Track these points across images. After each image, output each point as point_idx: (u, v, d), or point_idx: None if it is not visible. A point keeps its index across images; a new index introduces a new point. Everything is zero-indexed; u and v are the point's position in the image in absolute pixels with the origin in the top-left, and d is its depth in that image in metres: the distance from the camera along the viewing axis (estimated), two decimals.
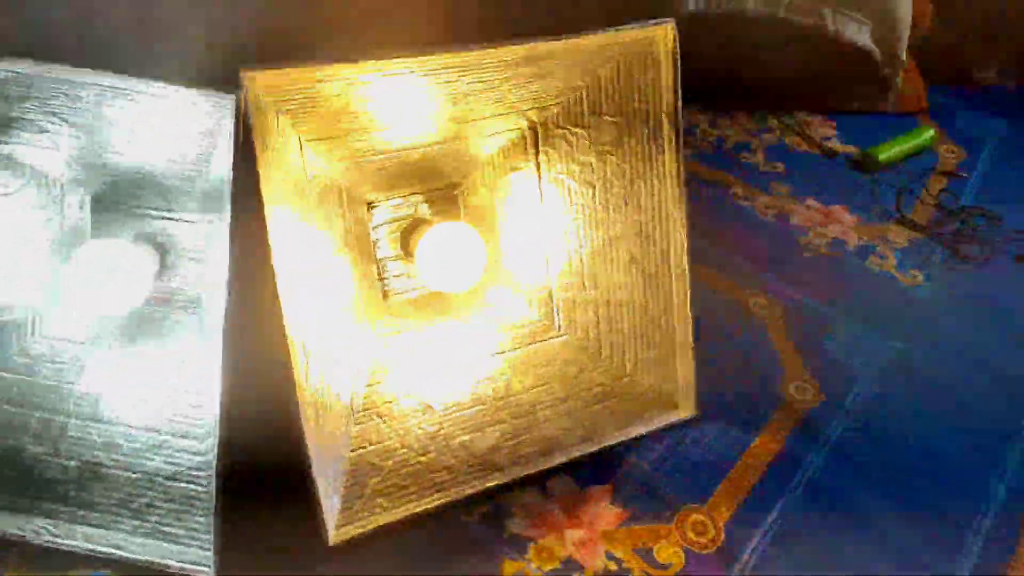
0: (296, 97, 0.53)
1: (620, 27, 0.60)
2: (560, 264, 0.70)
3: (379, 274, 0.70)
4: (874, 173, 0.98)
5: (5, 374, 0.61)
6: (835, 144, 1.03)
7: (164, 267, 0.64)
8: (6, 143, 0.58)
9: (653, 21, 0.61)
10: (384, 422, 0.62)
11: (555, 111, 0.66)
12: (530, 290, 0.71)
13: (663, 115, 0.62)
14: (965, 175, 1.00)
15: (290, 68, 0.50)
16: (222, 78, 0.53)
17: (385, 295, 0.71)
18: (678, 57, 0.61)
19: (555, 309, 0.71)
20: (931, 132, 1.04)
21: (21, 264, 0.62)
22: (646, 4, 0.93)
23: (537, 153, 0.68)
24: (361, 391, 0.63)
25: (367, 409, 0.62)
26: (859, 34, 1.03)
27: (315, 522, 0.54)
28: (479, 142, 0.68)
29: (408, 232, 0.70)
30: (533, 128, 0.67)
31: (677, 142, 0.63)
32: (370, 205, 0.69)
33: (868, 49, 1.04)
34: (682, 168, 0.63)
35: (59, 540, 0.54)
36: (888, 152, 0.99)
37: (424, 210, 0.71)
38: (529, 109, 0.66)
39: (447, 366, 0.68)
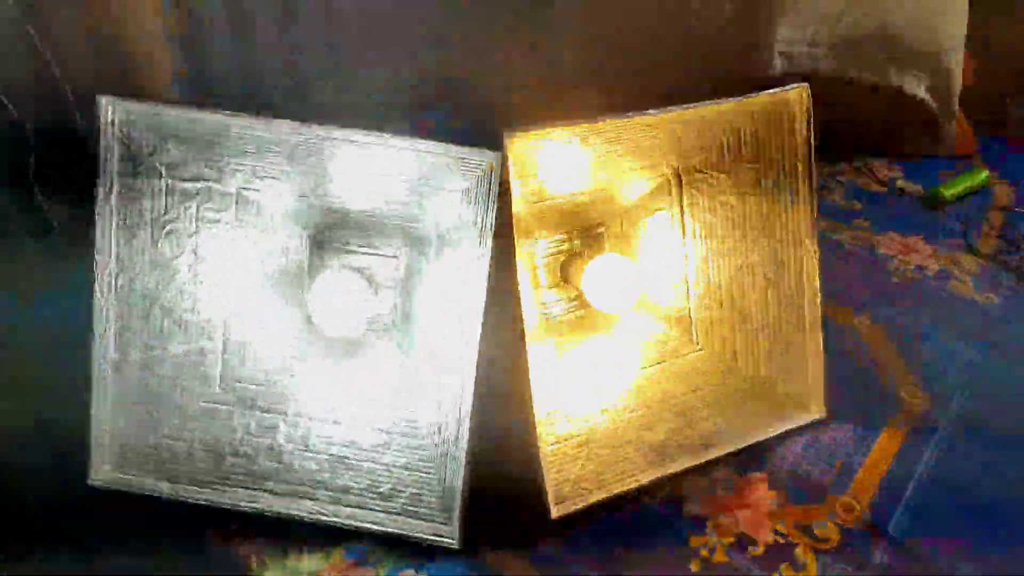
0: (523, 153, 0.65)
1: (760, 92, 0.73)
2: (699, 288, 0.82)
3: (541, 299, 0.83)
4: (941, 209, 1.11)
5: (249, 384, 0.72)
6: (902, 184, 1.16)
7: None
8: (249, 189, 0.70)
9: (790, 86, 0.74)
10: (570, 421, 0.73)
11: (698, 161, 0.78)
12: (670, 311, 0.83)
13: (798, 161, 0.75)
14: (1020, 210, 1.13)
15: (539, 131, 0.62)
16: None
17: (545, 317, 0.83)
18: (811, 113, 0.74)
19: (693, 327, 0.82)
20: (985, 172, 1.17)
21: (254, 292, 0.73)
22: (742, 67, 1.08)
23: (680, 195, 0.80)
24: (549, 397, 0.74)
25: (555, 411, 0.73)
26: (917, 88, 1.17)
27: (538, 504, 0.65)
28: (627, 188, 0.80)
29: (566, 263, 0.83)
30: (677, 174, 0.80)
31: (810, 181, 0.75)
32: (535, 241, 0.82)
33: (925, 101, 1.18)
34: (815, 203, 0.75)
35: (326, 519, 0.65)
36: (952, 190, 1.12)
37: (576, 245, 0.83)
38: (675, 160, 0.79)
39: (607, 376, 0.79)
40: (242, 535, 0.64)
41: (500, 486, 0.67)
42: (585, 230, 0.83)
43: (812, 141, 0.74)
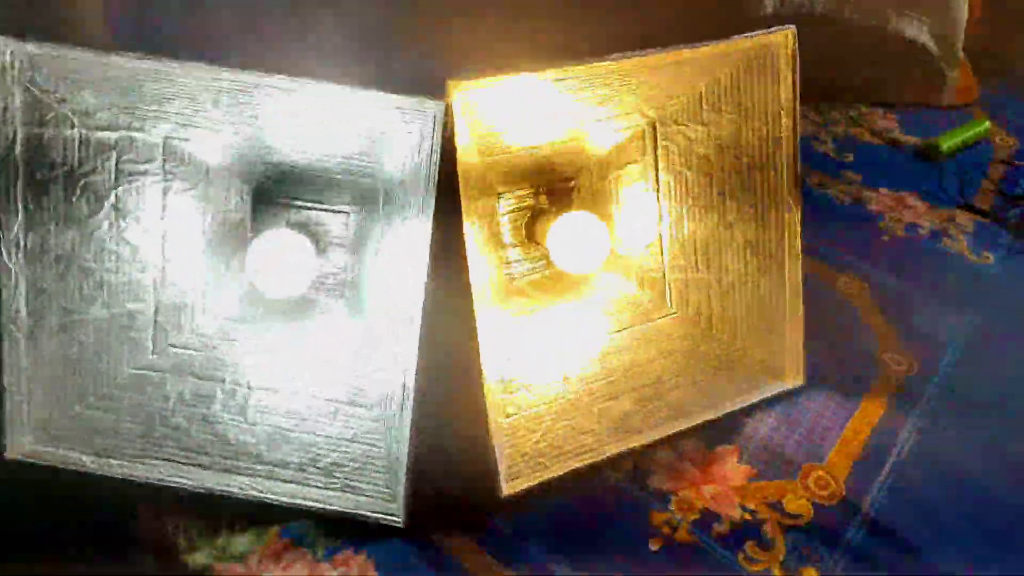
0: (473, 102, 0.59)
1: (741, 35, 0.66)
2: (673, 248, 0.76)
3: (505, 259, 0.77)
4: (937, 162, 1.05)
5: (185, 350, 0.67)
6: (898, 135, 1.09)
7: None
8: (183, 140, 0.64)
9: (774, 29, 0.67)
10: (529, 391, 0.69)
11: (674, 109, 0.72)
12: (642, 272, 0.78)
13: (781, 111, 0.69)
14: (1021, 163, 1.06)
15: (489, 78, 0.56)
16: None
17: (510, 278, 0.78)
18: (797, 59, 0.67)
19: (667, 289, 0.77)
20: (986, 123, 1.10)
21: (190, 250, 0.68)
22: (728, 8, 1.00)
23: (655, 147, 0.74)
24: (504, 364, 0.69)
25: (512, 380, 0.69)
26: (919, 32, 1.09)
27: (490, 480, 0.61)
28: (597, 140, 0.74)
29: (532, 220, 0.77)
30: (652, 125, 0.74)
31: (794, 134, 0.69)
32: (498, 196, 0.76)
33: (927, 46, 1.10)
34: (798, 157, 0.69)
35: (260, 495, 0.61)
36: (950, 142, 1.05)
37: (544, 200, 0.78)
38: (648, 109, 0.72)
39: (573, 341, 0.74)
40: (170, 512, 0.60)
41: (452, 461, 0.63)
42: (552, 185, 0.77)
43: (797, 90, 0.68)
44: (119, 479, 0.61)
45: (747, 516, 0.64)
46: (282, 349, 0.69)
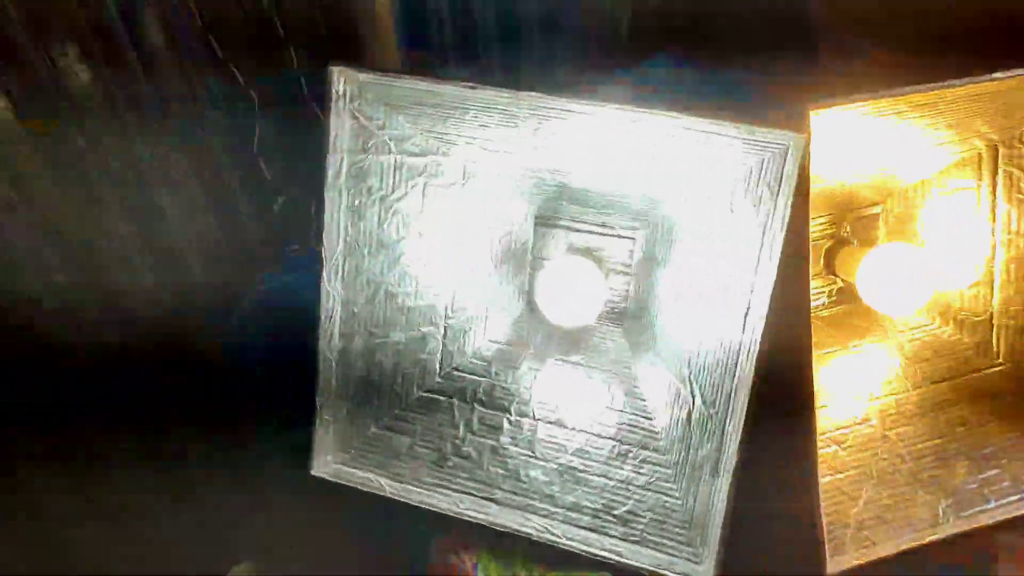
0: (827, 127, 0.53)
1: None
2: (1007, 289, 0.65)
3: None
4: None
5: (466, 374, 0.66)
6: None
7: None
8: (477, 163, 0.62)
9: None
10: (843, 450, 0.61)
11: (1022, 131, 0.61)
12: (962, 315, 0.67)
13: None
14: None
15: (847, 103, 0.49)
16: None
17: None
18: None
19: (995, 336, 0.66)
20: None
21: (478, 274, 0.67)
22: None
23: (994, 172, 0.64)
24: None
25: (823, 434, 0.61)
26: None
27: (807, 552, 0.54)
28: (914, 164, 0.65)
29: (832, 251, 0.69)
30: (992, 147, 0.63)
31: None
32: None
33: None
34: None
35: (558, 540, 0.58)
36: None
37: (847, 229, 0.70)
38: (991, 131, 0.62)
39: (885, 391, 0.65)
40: (466, 547, 0.59)
41: (758, 525, 0.57)
42: (856, 211, 0.69)
43: None
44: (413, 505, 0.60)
45: None
46: (564, 380, 0.66)
